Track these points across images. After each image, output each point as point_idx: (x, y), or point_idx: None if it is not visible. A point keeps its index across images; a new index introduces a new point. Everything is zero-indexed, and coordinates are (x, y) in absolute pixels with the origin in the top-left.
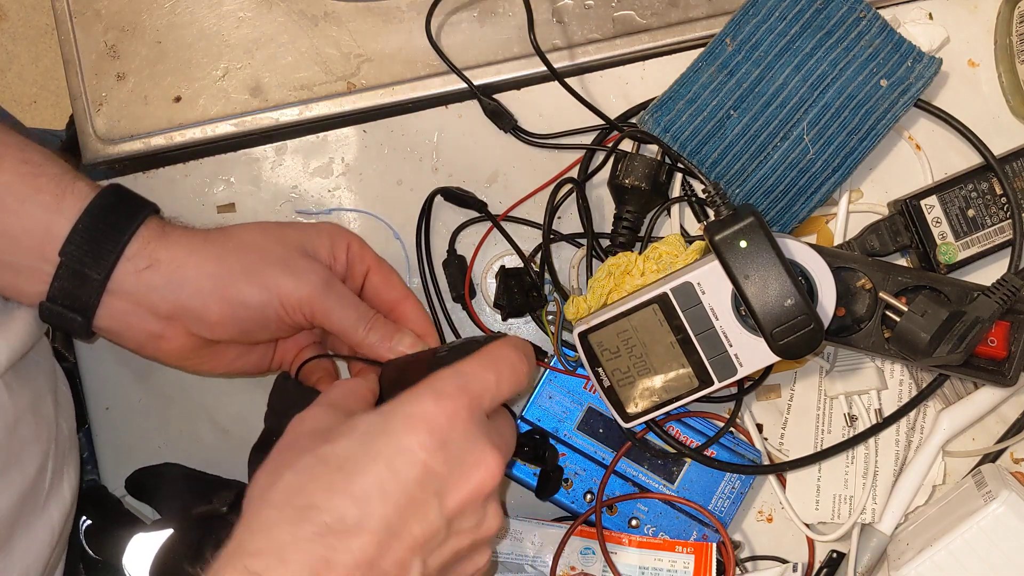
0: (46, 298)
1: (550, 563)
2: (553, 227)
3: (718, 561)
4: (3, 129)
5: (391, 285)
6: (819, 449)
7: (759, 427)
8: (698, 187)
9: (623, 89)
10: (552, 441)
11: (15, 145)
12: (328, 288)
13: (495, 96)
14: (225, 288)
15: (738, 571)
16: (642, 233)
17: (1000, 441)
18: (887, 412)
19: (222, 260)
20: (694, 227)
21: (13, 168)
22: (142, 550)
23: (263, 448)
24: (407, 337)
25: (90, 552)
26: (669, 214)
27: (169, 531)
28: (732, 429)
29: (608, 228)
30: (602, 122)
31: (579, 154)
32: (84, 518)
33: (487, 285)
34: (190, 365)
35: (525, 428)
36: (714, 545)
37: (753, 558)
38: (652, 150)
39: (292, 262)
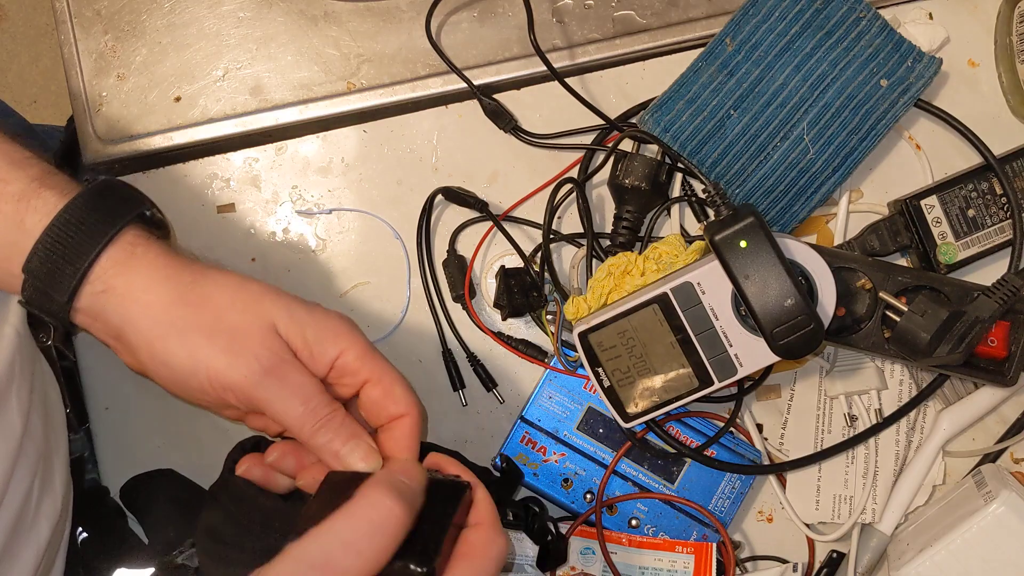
0: (23, 299)
1: None
2: (553, 227)
3: (718, 561)
4: None
5: (392, 399)
6: (819, 449)
7: (759, 427)
8: (698, 187)
9: (623, 89)
10: (552, 442)
11: None
12: (268, 376)
13: (495, 96)
14: (155, 341)
15: (738, 571)
16: (642, 233)
17: (1000, 441)
18: (887, 412)
19: (170, 309)
20: (694, 227)
21: None
22: None
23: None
24: (359, 448)
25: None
26: (669, 214)
27: (150, 571)
28: (732, 429)
29: (608, 228)
30: (602, 122)
31: (579, 154)
32: (80, 529)
33: (487, 285)
34: (151, 378)
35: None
36: (714, 545)
37: (753, 558)
38: (652, 150)
39: (241, 337)
